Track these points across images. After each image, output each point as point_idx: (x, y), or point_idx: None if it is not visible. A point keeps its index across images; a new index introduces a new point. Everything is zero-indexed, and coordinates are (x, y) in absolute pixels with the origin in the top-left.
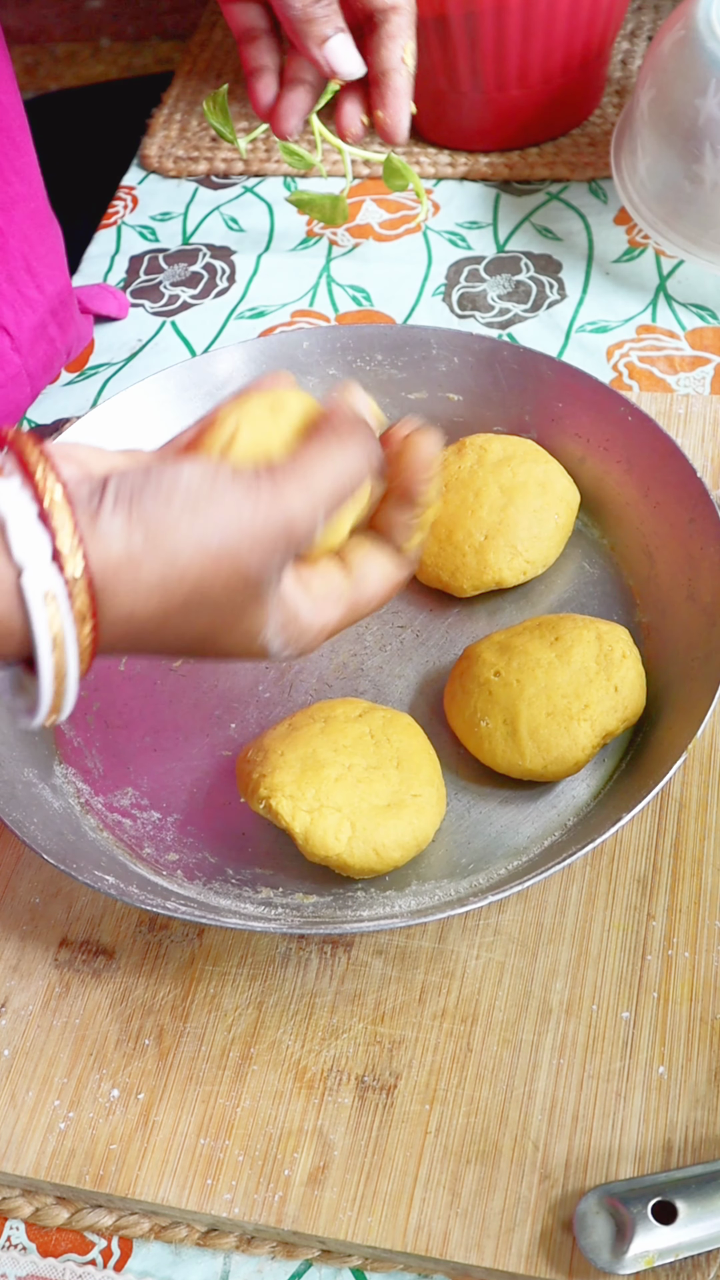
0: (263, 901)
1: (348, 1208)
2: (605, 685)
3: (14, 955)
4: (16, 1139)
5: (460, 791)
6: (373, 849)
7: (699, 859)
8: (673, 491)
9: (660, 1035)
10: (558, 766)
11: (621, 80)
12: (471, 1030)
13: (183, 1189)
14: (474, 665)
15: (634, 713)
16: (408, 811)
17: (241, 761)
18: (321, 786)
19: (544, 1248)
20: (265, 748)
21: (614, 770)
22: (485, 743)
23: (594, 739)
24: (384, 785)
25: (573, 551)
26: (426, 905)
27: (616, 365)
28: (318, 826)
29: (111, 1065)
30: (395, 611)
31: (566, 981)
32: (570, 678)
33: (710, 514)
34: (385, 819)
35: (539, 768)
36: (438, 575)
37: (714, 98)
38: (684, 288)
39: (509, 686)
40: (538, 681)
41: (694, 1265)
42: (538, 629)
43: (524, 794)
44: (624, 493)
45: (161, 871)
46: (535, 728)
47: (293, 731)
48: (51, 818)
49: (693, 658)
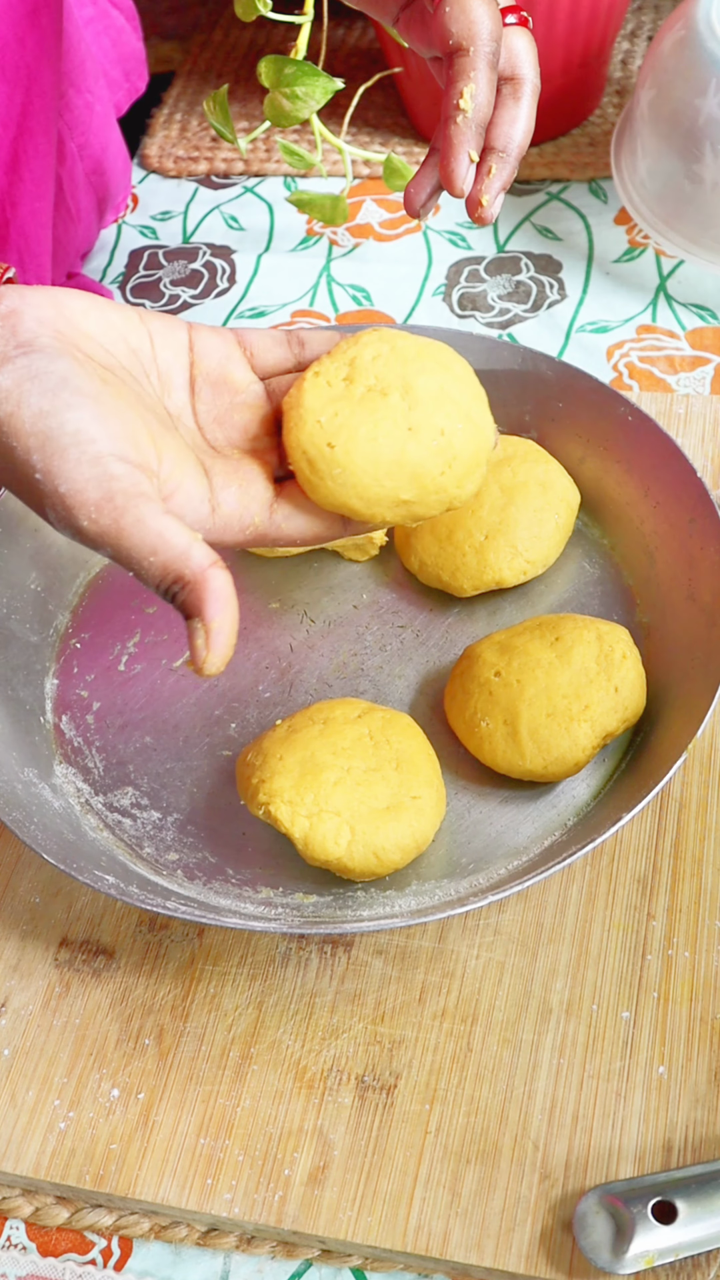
0: (263, 901)
1: (348, 1207)
2: (606, 686)
3: (14, 955)
4: (16, 1139)
5: (460, 791)
6: (372, 852)
7: (699, 859)
8: (673, 491)
9: (660, 1035)
10: (558, 767)
11: (621, 80)
12: (471, 1030)
13: (183, 1189)
14: (474, 665)
15: (634, 713)
16: (407, 814)
17: (241, 764)
18: (320, 790)
19: (544, 1248)
20: (264, 751)
21: (614, 770)
22: (485, 743)
23: (594, 739)
24: (383, 787)
25: (573, 551)
26: (427, 905)
27: (616, 365)
28: (317, 831)
29: (111, 1065)
30: (395, 611)
31: (566, 981)
32: (571, 678)
33: (710, 514)
34: (385, 822)
35: (539, 768)
36: (438, 575)
37: (714, 98)
38: (684, 288)
39: (509, 687)
40: (538, 682)
41: (694, 1265)
42: (538, 629)
43: (524, 794)
44: (624, 492)
45: (161, 871)
46: (535, 728)
47: (292, 734)
48: (52, 818)
49: (693, 658)
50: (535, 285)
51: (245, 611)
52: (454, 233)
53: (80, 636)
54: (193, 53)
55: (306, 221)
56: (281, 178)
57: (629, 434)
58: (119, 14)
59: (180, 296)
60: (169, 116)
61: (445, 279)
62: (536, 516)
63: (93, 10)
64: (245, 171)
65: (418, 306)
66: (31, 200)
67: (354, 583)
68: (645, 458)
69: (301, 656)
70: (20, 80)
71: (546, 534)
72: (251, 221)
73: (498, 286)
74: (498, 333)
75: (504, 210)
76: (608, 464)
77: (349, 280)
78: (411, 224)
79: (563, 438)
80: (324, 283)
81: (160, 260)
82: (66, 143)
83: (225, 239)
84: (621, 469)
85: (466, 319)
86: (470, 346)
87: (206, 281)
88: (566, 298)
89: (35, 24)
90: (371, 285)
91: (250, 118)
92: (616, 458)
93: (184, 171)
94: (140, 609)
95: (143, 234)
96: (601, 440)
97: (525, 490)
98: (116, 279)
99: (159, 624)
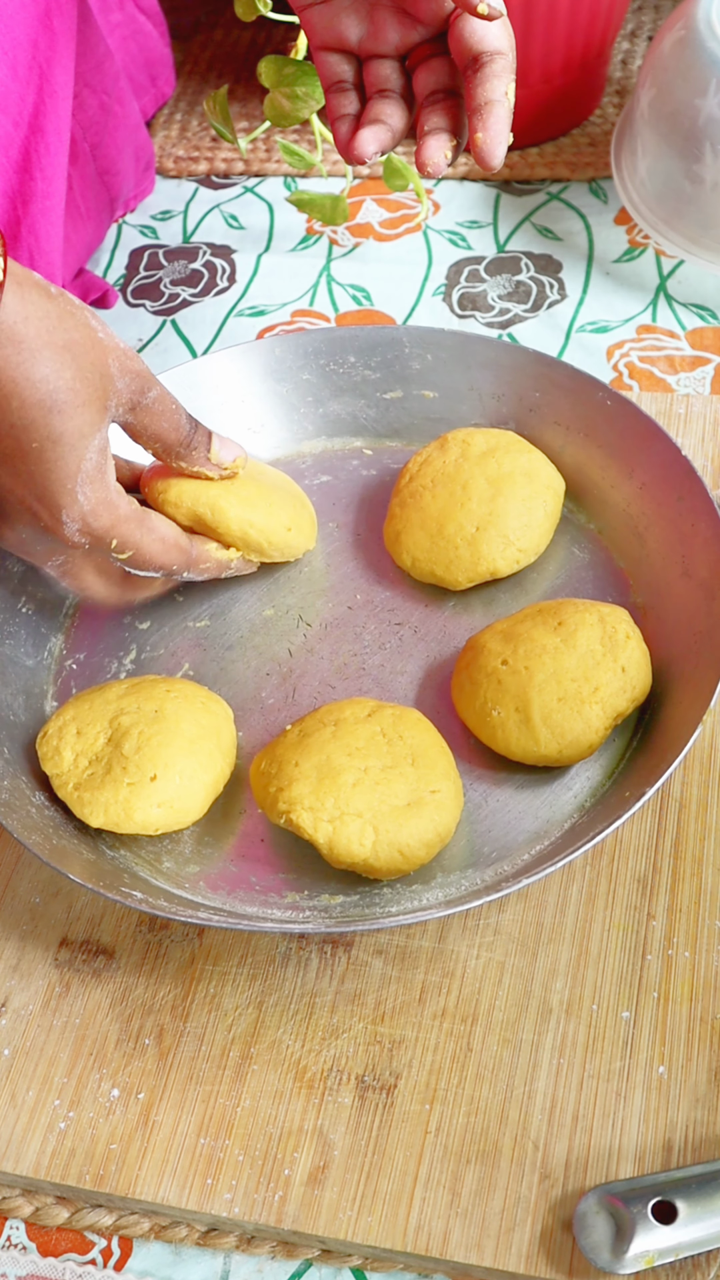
0: (289, 906)
1: (348, 1207)
2: (613, 667)
3: (14, 955)
4: (16, 1139)
5: (475, 782)
6: (397, 850)
7: (699, 859)
8: (659, 471)
9: (660, 1035)
10: (573, 750)
11: (621, 80)
12: (471, 1030)
13: (183, 1189)
14: (480, 655)
15: (642, 692)
16: (428, 809)
17: (255, 772)
18: (340, 793)
19: (544, 1248)
20: (278, 758)
21: (625, 749)
22: (499, 732)
23: (606, 720)
24: (402, 784)
25: (561, 538)
26: (455, 895)
27: (617, 365)
28: (341, 835)
29: (111, 1065)
30: (391, 609)
31: (566, 981)
32: (578, 661)
33: (699, 490)
34: (407, 819)
35: (554, 753)
36: (431, 570)
37: (714, 98)
38: (684, 288)
39: (518, 674)
40: (546, 668)
41: (694, 1265)
42: (539, 615)
43: (537, 779)
44: (607, 476)
45: (184, 885)
46: (548, 713)
47: (304, 738)
48: (69, 838)
49: (692, 633)
50: (535, 285)
51: (239, 620)
52: (454, 233)
53: (75, 657)
54: (193, 53)
55: (306, 221)
56: (281, 178)
57: (609, 418)
58: (145, 19)
59: (180, 296)
60: (169, 116)
61: (445, 279)
62: (525, 506)
63: (120, 15)
64: (245, 171)
65: (418, 306)
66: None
67: (346, 584)
68: (628, 441)
69: (301, 660)
70: (33, 80)
71: (536, 522)
72: (251, 221)
73: (498, 286)
74: (498, 333)
75: (504, 210)
76: (589, 449)
77: (349, 280)
78: (412, 224)
79: (541, 427)
80: (324, 282)
81: (160, 260)
82: (80, 142)
83: (225, 239)
84: (604, 453)
85: (466, 319)
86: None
87: (206, 281)
88: (566, 298)
89: (48, 26)
90: (371, 285)
91: (250, 118)
92: (598, 443)
93: (184, 171)
94: (133, 625)
95: (143, 234)
96: (581, 426)
97: (511, 480)
98: (118, 279)
99: (153, 639)
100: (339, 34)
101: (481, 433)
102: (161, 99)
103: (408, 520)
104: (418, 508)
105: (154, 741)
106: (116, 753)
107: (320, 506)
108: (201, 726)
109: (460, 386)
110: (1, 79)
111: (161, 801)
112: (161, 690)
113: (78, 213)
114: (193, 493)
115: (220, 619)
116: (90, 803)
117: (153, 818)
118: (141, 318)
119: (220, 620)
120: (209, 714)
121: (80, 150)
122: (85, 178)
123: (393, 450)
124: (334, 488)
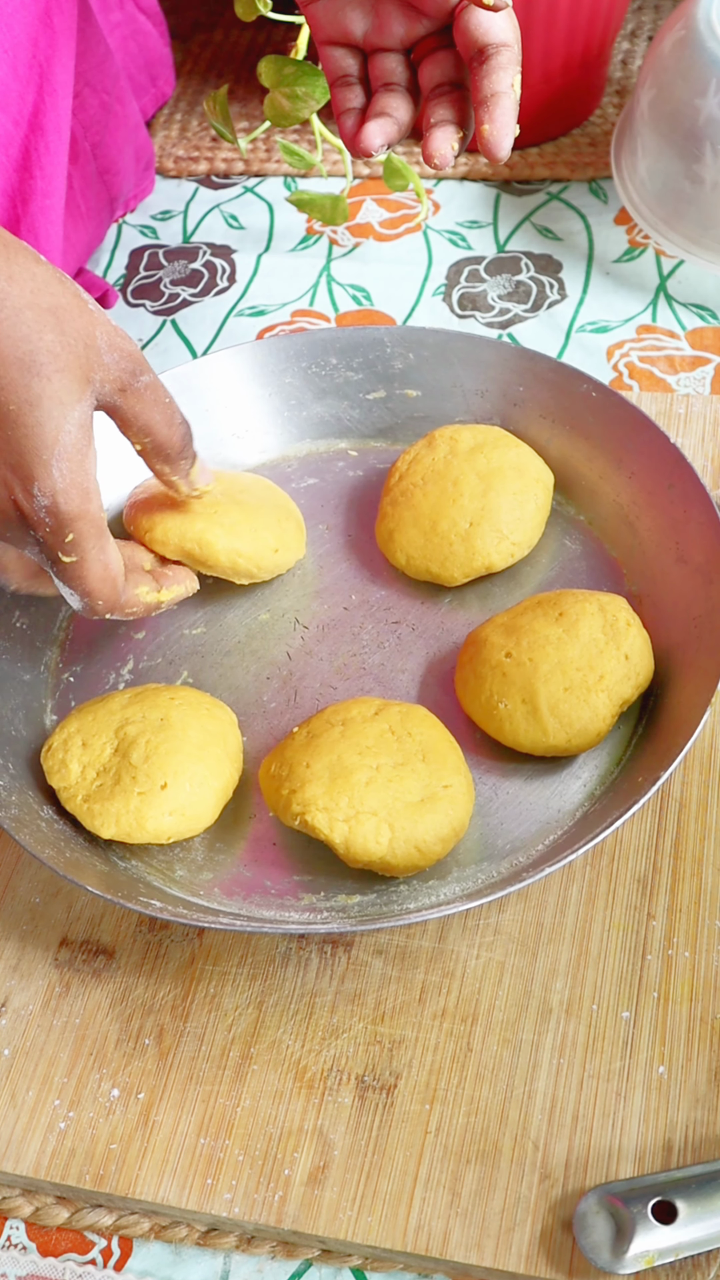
0: (307, 908)
1: (348, 1207)
2: (616, 654)
3: (14, 955)
4: (16, 1139)
5: (483, 775)
6: (414, 846)
7: (699, 859)
8: (647, 460)
9: (660, 1035)
10: (581, 739)
11: (621, 80)
12: (471, 1030)
13: (183, 1189)
14: (483, 649)
15: (646, 679)
16: (442, 804)
17: (265, 776)
18: (354, 793)
19: (544, 1248)
20: (288, 760)
21: (630, 736)
22: (506, 724)
23: (613, 708)
24: (414, 781)
25: (552, 531)
26: (471, 889)
27: (617, 365)
28: (357, 834)
29: (111, 1065)
30: (387, 608)
31: (566, 981)
32: (581, 651)
33: (689, 476)
34: (422, 815)
35: (563, 742)
36: (426, 567)
37: (714, 98)
38: (684, 288)
39: (523, 666)
40: (550, 658)
41: (694, 1265)
42: (539, 607)
43: (546, 770)
44: (595, 467)
45: (198, 892)
46: (555, 704)
47: (312, 739)
48: (80, 851)
49: (690, 618)
50: (535, 285)
51: (235, 625)
52: (454, 233)
53: (72, 670)
54: (193, 53)
55: (306, 221)
56: (281, 177)
57: (594, 409)
58: (145, 19)
59: (180, 296)
60: (169, 116)
61: (445, 279)
62: (516, 499)
63: (120, 15)
64: (245, 171)
65: (418, 306)
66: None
67: (340, 585)
68: (614, 431)
69: (300, 663)
70: (33, 79)
71: (528, 515)
72: (251, 221)
73: (498, 286)
74: (498, 333)
75: (504, 210)
76: (575, 441)
77: (349, 280)
78: (412, 224)
79: (527, 420)
80: (324, 282)
81: (160, 260)
82: (80, 142)
83: (225, 239)
84: (590, 445)
85: (466, 319)
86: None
87: (206, 281)
88: (566, 298)
89: (49, 25)
90: (371, 285)
91: (250, 118)
92: (584, 434)
93: (184, 171)
94: (128, 635)
95: (143, 234)
96: (566, 419)
97: (501, 475)
98: (118, 279)
99: (150, 648)
100: (344, 28)
101: (468, 429)
102: (161, 99)
103: (400, 519)
104: (410, 506)
105: (162, 749)
106: (125, 762)
107: (308, 510)
108: (208, 732)
109: (444, 384)
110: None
111: (173, 809)
112: (165, 698)
113: (78, 212)
114: (179, 530)
115: (215, 625)
116: (101, 814)
117: (165, 826)
118: (141, 318)
119: (215, 626)
120: (214, 720)
121: (80, 149)
122: (85, 177)
123: (378, 450)
124: (321, 490)
